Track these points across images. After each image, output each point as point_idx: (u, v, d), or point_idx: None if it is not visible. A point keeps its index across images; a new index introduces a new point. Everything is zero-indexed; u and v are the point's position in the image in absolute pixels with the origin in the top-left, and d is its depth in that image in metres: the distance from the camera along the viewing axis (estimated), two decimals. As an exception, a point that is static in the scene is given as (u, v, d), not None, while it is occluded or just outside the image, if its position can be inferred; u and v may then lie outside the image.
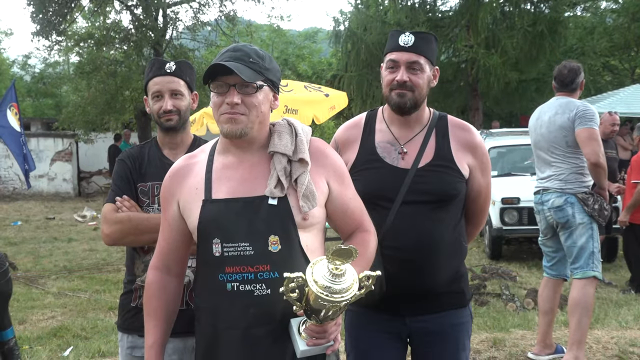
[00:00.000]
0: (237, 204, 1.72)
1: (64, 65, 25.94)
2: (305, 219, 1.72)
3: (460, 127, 2.27)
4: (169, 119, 2.29)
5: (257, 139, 1.78)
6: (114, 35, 18.27)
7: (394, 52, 2.16)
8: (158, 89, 2.29)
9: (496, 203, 7.91)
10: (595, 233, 3.97)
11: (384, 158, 2.19)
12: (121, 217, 2.23)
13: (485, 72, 14.64)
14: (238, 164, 1.79)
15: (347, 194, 1.86)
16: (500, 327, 4.94)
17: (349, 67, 16.51)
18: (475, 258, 8.48)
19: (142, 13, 18.50)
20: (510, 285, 6.64)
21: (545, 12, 15.64)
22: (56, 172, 17.76)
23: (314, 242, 1.78)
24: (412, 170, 2.14)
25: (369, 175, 2.15)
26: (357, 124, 2.32)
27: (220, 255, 1.70)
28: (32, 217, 13.51)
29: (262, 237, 1.69)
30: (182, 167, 1.87)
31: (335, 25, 17.58)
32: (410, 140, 2.21)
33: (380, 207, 2.12)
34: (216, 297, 1.72)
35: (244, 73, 1.66)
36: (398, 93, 2.14)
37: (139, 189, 2.31)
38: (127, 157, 2.36)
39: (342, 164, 1.88)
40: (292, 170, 1.74)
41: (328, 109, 8.13)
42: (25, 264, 8.54)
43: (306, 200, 1.71)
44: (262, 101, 1.73)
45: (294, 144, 1.78)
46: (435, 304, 2.18)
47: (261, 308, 1.67)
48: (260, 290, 1.67)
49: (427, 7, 16.77)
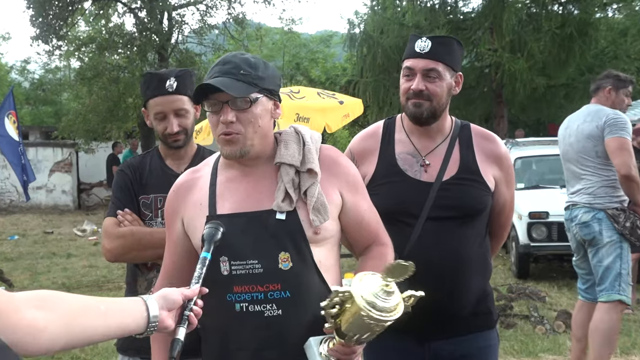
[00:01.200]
0: (241, 220, 1.71)
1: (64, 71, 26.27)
2: (317, 234, 1.70)
3: (484, 137, 2.26)
4: (176, 140, 2.30)
5: (261, 153, 1.77)
6: (116, 39, 18.44)
7: (410, 59, 2.15)
8: (161, 109, 2.29)
9: (523, 217, 7.84)
10: (625, 253, 3.86)
11: (406, 171, 2.17)
12: (123, 232, 2.23)
13: (510, 78, 14.58)
14: (242, 178, 1.78)
15: (362, 204, 1.84)
16: (528, 352, 4.89)
17: (365, 73, 16.51)
18: (501, 277, 8.40)
19: (147, 16, 18.67)
20: (539, 307, 6.56)
21: (574, 14, 15.58)
22: (55, 184, 17.90)
23: (329, 257, 1.76)
24: (436, 183, 2.13)
25: (390, 190, 2.14)
26: (374, 134, 2.31)
27: (228, 274, 1.69)
28: (30, 231, 13.62)
29: (272, 254, 1.67)
30: (185, 182, 1.87)
31: (350, 28, 17.64)
32: (432, 151, 2.20)
33: (403, 224, 2.11)
34: (225, 318, 1.71)
35: (234, 88, 1.64)
36: (414, 103, 2.13)
37: (141, 201, 2.31)
38: (128, 168, 2.37)
39: (355, 173, 1.87)
40: (300, 182, 1.73)
41: (342, 117, 8.14)
42: (22, 281, 8.60)
43: (317, 214, 1.70)
44: (260, 114, 1.71)
45: (301, 154, 1.76)
46: (461, 326, 2.16)
47: (272, 330, 1.66)
48: (270, 310, 1.66)
49: (447, 9, 16.77)
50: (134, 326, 1.35)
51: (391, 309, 1.46)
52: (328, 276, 1.75)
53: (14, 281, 8.31)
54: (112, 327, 1.31)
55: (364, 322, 1.46)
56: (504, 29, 14.44)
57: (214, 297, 1.68)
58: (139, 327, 1.36)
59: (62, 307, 1.24)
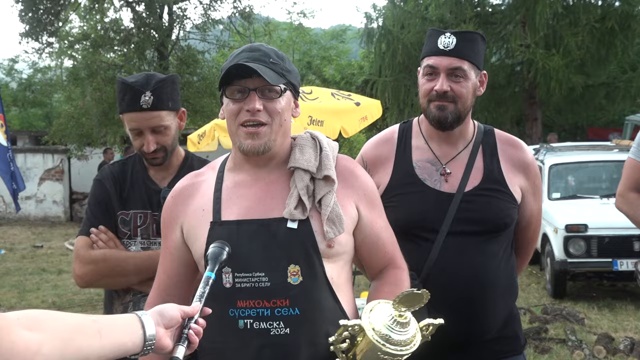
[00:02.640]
0: (250, 227, 1.71)
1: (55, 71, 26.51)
2: (330, 247, 1.70)
3: (510, 144, 2.25)
4: (155, 158, 2.25)
5: (277, 154, 1.78)
6: (113, 35, 18.56)
7: (432, 57, 2.13)
8: (136, 126, 2.23)
9: (559, 231, 7.80)
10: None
11: (425, 180, 2.17)
12: (95, 257, 2.19)
13: (544, 76, 14.52)
14: (253, 182, 1.78)
15: (379, 222, 1.84)
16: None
17: (384, 71, 16.53)
18: (535, 296, 8.36)
19: (145, 10, 18.80)
20: (577, 330, 6.53)
21: (615, 6, 15.50)
22: (45, 193, 17.99)
23: (341, 275, 1.76)
24: (458, 194, 2.12)
25: (408, 201, 2.12)
26: (388, 139, 2.30)
27: (231, 287, 1.69)
28: (18, 245, 13.71)
29: (281, 267, 1.67)
30: (186, 186, 1.87)
31: (368, 22, 17.65)
32: (454, 158, 2.20)
33: (421, 239, 2.10)
34: (225, 336, 1.71)
35: (268, 75, 1.65)
36: (437, 105, 2.12)
37: (120, 217, 2.26)
38: (107, 178, 2.31)
39: (373, 187, 1.87)
40: (315, 190, 1.73)
41: (359, 120, 8.16)
42: (9, 300, 8.66)
43: (332, 225, 1.69)
44: (285, 108, 1.73)
45: (318, 159, 1.76)
46: (485, 352, 2.15)
47: (279, 350, 1.66)
48: (277, 329, 1.66)
49: (475, 1, 16.79)
50: (131, 345, 1.36)
51: (407, 341, 1.46)
52: (341, 294, 1.75)
53: (0, 300, 8.37)
54: (107, 347, 1.31)
55: (379, 357, 1.46)
56: (537, 22, 14.41)
57: (214, 312, 1.65)
58: (135, 346, 1.36)
59: (55, 327, 1.25)
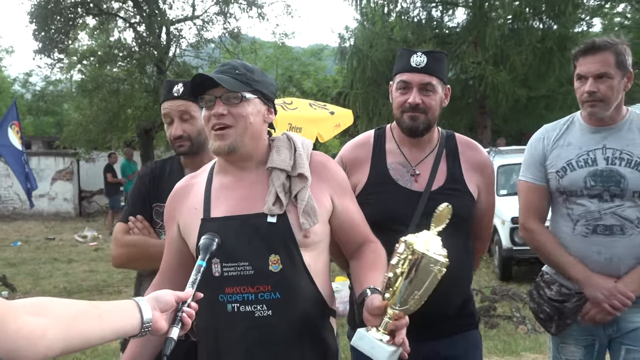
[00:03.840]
0: (235, 222, 1.71)
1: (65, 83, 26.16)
2: (306, 237, 1.70)
3: (469, 146, 2.29)
4: (180, 145, 2.25)
5: (253, 156, 1.77)
6: (116, 52, 18.43)
7: (405, 73, 2.15)
8: (167, 112, 2.27)
9: (506, 223, 7.88)
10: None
11: (397, 180, 2.18)
12: (130, 240, 2.20)
13: (493, 89, 14.67)
14: (236, 183, 1.78)
15: (351, 207, 1.85)
16: (511, 351, 4.90)
17: (355, 84, 16.55)
18: (485, 279, 8.43)
19: (146, 30, 18.69)
20: (521, 308, 6.59)
21: (554, 29, 15.69)
22: (57, 192, 17.81)
23: (318, 261, 1.76)
24: (425, 193, 2.14)
25: (383, 199, 2.13)
26: (365, 143, 2.30)
27: (220, 275, 1.69)
28: (32, 238, 13.54)
29: (262, 257, 1.67)
30: (182, 187, 1.88)
31: (341, 42, 17.68)
32: (422, 161, 2.22)
33: (394, 232, 2.08)
34: (217, 318, 1.71)
35: (227, 83, 1.66)
36: (410, 116, 2.14)
37: (154, 209, 2.27)
38: (148, 174, 2.33)
39: (344, 177, 1.88)
40: (291, 186, 1.73)
41: (333, 126, 8.16)
42: (25, 286, 8.54)
43: (307, 217, 1.69)
44: (251, 112, 1.72)
45: (292, 159, 1.76)
46: (448, 328, 2.17)
47: (262, 330, 1.66)
48: (261, 311, 1.66)
49: (433, 24, 16.87)
50: (129, 328, 1.34)
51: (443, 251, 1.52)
52: (318, 279, 1.75)
53: (16, 286, 8.26)
54: (107, 330, 1.29)
55: (428, 269, 1.48)
56: (487, 43, 14.56)
57: (206, 297, 1.67)
58: (133, 329, 1.35)
59: (58, 312, 1.22)
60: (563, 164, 2.30)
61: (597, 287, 2.20)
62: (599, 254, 2.23)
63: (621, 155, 2.23)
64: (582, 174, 2.26)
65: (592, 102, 2.21)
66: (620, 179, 2.21)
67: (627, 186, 2.20)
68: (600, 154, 2.25)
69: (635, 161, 2.21)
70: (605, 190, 2.22)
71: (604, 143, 2.25)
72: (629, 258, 2.21)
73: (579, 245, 2.27)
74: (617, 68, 2.19)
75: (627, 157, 2.22)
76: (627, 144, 2.22)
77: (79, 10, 18.62)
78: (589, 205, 2.25)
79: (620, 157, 2.23)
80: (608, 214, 2.22)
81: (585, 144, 2.28)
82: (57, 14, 17.97)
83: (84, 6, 18.55)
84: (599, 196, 2.23)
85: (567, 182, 2.29)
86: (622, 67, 2.21)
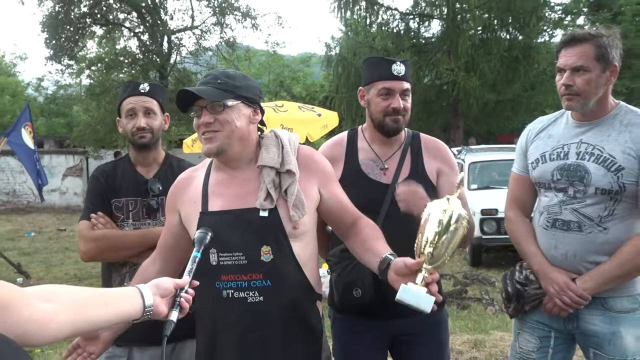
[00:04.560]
0: (230, 216, 1.70)
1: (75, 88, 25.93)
2: (295, 228, 1.70)
3: (431, 143, 2.30)
4: (142, 136, 2.22)
5: (243, 155, 1.76)
6: (122, 59, 18.30)
7: (388, 81, 2.15)
8: (132, 107, 2.23)
9: (476, 214, 7.92)
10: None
11: (368, 174, 2.20)
12: (97, 235, 2.15)
13: (465, 93, 14.75)
14: (230, 180, 1.77)
15: (338, 191, 1.85)
16: (480, 329, 4.93)
17: (340, 89, 16.56)
18: (457, 265, 8.48)
19: (149, 39, 18.58)
20: (490, 290, 6.64)
21: (519, 39, 15.82)
22: (67, 187, 17.68)
23: (306, 250, 1.75)
24: (392, 184, 2.16)
25: (356, 191, 2.11)
26: (340, 142, 2.32)
27: (216, 264, 1.69)
28: (45, 229, 13.42)
29: (255, 247, 1.67)
30: (184, 179, 1.87)
31: (327, 50, 17.71)
32: (390, 157, 2.23)
33: None
34: (213, 304, 1.71)
35: (208, 94, 1.66)
36: (393, 119, 2.16)
37: (114, 204, 2.23)
38: (101, 175, 2.29)
39: (329, 167, 1.87)
40: (281, 182, 1.72)
41: (320, 127, 8.15)
42: (38, 273, 8.47)
43: (296, 210, 1.69)
44: (236, 117, 1.70)
45: (280, 156, 1.76)
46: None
47: (254, 315, 1.66)
48: (253, 297, 1.66)
49: (411, 34, 16.93)
50: (133, 312, 1.34)
51: (464, 211, 1.58)
52: (306, 267, 1.75)
53: (30, 273, 8.19)
54: (112, 314, 1.29)
55: (460, 224, 1.55)
56: (459, 51, 14.63)
57: (205, 284, 1.67)
58: (136, 313, 1.34)
59: (68, 299, 1.21)
60: (537, 156, 2.14)
61: (550, 280, 2.04)
62: (556, 249, 2.07)
63: (593, 150, 2.01)
64: (551, 167, 2.08)
65: (568, 96, 2.00)
66: (585, 174, 2.00)
67: (590, 182, 1.98)
68: (575, 148, 2.05)
69: (604, 157, 1.98)
70: (569, 185, 2.03)
71: (581, 137, 2.04)
72: (585, 256, 2.01)
73: (541, 238, 2.13)
74: (596, 61, 1.94)
75: (597, 152, 1.99)
76: (602, 140, 2.00)
77: (87, 21, 18.47)
78: (552, 199, 2.07)
79: (591, 152, 2.01)
80: (568, 209, 2.03)
81: (564, 137, 2.09)
82: (67, 24, 17.82)
83: (92, 17, 18.41)
84: (564, 190, 2.05)
85: (537, 174, 2.13)
86: (603, 60, 1.95)
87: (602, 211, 1.99)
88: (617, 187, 1.95)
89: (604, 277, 1.97)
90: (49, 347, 4.98)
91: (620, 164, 1.95)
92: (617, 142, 1.98)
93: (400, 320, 2.14)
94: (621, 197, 1.96)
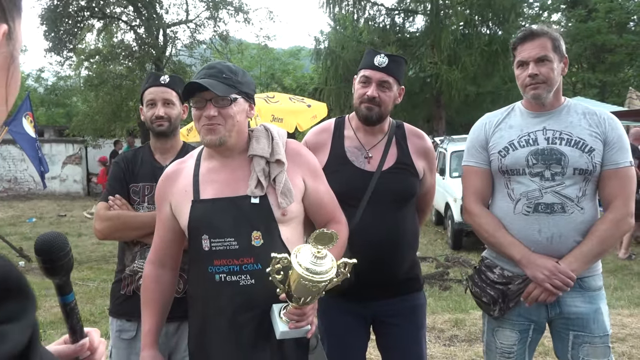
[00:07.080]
0: (222, 203, 1.69)
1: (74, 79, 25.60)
2: (284, 215, 1.70)
3: (415, 135, 2.29)
4: (160, 125, 2.26)
5: (236, 146, 1.75)
6: (119, 52, 18.10)
7: (368, 70, 2.15)
8: (152, 97, 2.28)
9: (457, 200, 7.96)
10: None
11: (353, 162, 2.18)
12: (111, 215, 2.19)
13: (447, 86, 14.76)
14: (221, 168, 1.76)
15: (321, 189, 1.84)
16: (461, 309, 4.98)
17: (329, 81, 16.50)
18: (439, 248, 8.54)
19: (145, 32, 18.37)
20: (470, 272, 6.69)
21: (499, 34, 15.84)
22: (67, 174, 17.50)
23: (294, 234, 1.75)
24: (377, 172, 2.14)
25: (340, 177, 2.12)
26: (326, 129, 2.30)
27: (209, 250, 1.68)
28: (46, 215, 13.30)
29: (246, 233, 1.66)
30: (173, 171, 1.84)
31: (316, 44, 17.58)
32: (375, 146, 2.22)
33: (349, 206, 2.09)
34: (207, 288, 1.70)
35: (217, 88, 1.64)
36: (367, 107, 2.14)
37: (131, 189, 2.27)
38: (122, 160, 2.34)
39: (315, 162, 1.86)
40: (270, 171, 1.72)
41: (310, 118, 8.13)
42: (39, 257, 8.40)
43: (284, 197, 1.69)
44: (237, 112, 1.70)
45: (270, 147, 1.75)
46: (396, 290, 2.19)
47: (246, 297, 1.65)
48: (245, 280, 1.65)
49: (396, 29, 16.89)
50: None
51: (325, 271, 1.49)
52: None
53: (32, 257, 8.12)
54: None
55: (304, 285, 1.48)
56: (442, 45, 14.63)
57: (198, 269, 1.67)
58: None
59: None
60: (505, 144, 2.08)
61: (538, 266, 1.96)
62: (540, 233, 1.99)
63: (561, 135, 2.02)
64: (524, 153, 2.04)
65: (534, 85, 2.02)
66: (561, 156, 1.99)
67: (567, 163, 1.98)
68: (541, 134, 2.05)
69: (575, 140, 2.00)
70: (546, 168, 2.00)
71: (544, 125, 2.06)
72: (569, 236, 1.98)
73: (519, 225, 2.03)
74: (554, 52, 2.03)
75: (566, 137, 2.01)
76: (566, 126, 2.03)
77: (85, 14, 18.21)
78: (529, 184, 2.02)
79: (560, 137, 2.02)
80: (549, 192, 1.99)
81: (525, 126, 2.08)
82: (66, 17, 17.56)
83: (89, 10, 18.15)
84: (540, 175, 2.01)
85: (509, 161, 2.06)
86: (559, 51, 2.05)
87: (578, 191, 2.00)
88: (592, 166, 1.99)
89: (587, 256, 1.96)
90: (51, 327, 4.96)
91: (591, 146, 2.00)
92: (581, 127, 2.04)
93: (379, 302, 2.17)
94: (591, 177, 2.01)
